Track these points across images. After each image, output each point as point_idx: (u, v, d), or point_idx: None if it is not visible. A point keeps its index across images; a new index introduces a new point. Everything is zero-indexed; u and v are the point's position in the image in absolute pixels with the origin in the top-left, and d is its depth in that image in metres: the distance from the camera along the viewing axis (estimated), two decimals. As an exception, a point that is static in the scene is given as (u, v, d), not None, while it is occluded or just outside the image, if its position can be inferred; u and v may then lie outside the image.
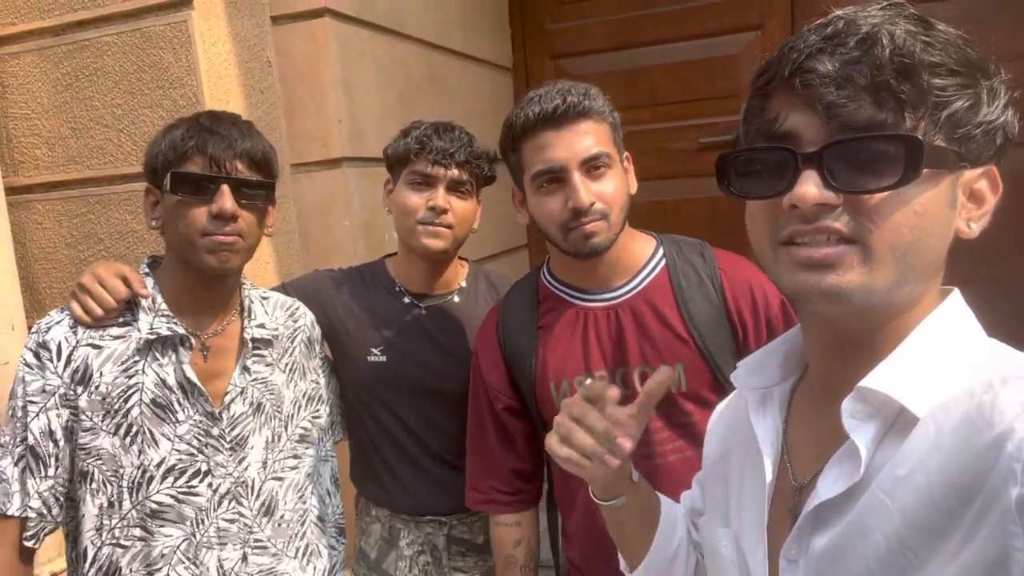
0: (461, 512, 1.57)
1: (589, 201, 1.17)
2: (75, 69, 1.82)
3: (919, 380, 0.61)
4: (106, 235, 1.86)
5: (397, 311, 1.56)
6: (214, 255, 1.15)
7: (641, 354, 1.25)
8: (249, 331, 1.28)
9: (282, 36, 1.94)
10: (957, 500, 0.55)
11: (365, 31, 2.06)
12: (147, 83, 1.76)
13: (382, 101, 2.11)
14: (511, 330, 1.35)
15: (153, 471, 1.16)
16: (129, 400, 1.15)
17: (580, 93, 1.19)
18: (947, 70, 0.58)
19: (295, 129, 1.98)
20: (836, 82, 0.58)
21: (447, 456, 1.55)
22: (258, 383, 1.28)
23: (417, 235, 1.47)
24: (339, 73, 1.94)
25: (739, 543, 0.79)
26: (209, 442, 1.20)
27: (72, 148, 1.86)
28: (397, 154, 1.50)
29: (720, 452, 0.88)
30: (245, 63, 1.85)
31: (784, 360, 0.78)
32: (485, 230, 1.96)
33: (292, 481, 1.32)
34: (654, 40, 2.87)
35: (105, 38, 1.77)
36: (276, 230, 1.92)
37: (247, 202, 1.17)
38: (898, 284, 0.60)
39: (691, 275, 1.27)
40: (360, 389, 1.54)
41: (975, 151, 0.60)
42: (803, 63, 0.60)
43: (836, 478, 0.64)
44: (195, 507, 1.18)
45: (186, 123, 1.18)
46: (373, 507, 1.63)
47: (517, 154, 1.25)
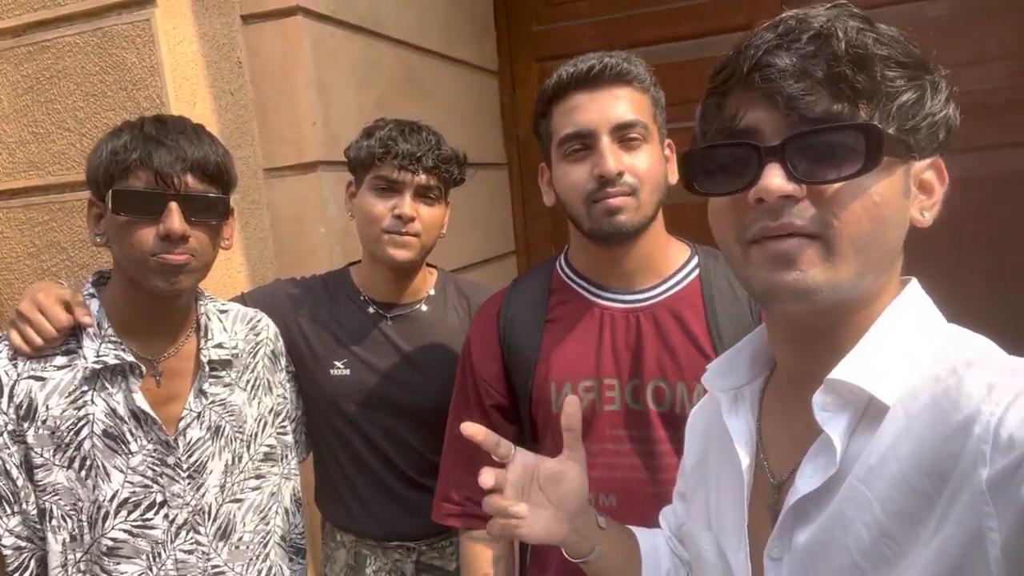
0: (431, 537, 1.49)
1: (617, 168, 1.07)
2: (36, 71, 1.75)
3: (886, 369, 0.62)
4: (69, 244, 1.78)
5: (361, 322, 1.48)
6: (163, 277, 1.06)
7: (659, 367, 1.14)
8: (206, 353, 1.19)
9: (253, 35, 1.87)
10: (931, 484, 0.56)
11: (340, 31, 1.99)
12: (110, 85, 1.69)
13: (359, 103, 2.04)
14: (515, 318, 1.24)
15: (107, 506, 1.09)
16: (80, 432, 1.08)
17: (621, 57, 1.10)
18: (896, 63, 0.60)
19: (267, 132, 1.91)
20: (794, 75, 0.60)
21: (415, 475, 1.47)
22: (215, 405, 1.19)
23: (382, 244, 1.39)
24: (313, 74, 1.87)
25: (721, 546, 0.79)
26: (164, 471, 1.13)
27: (34, 153, 1.79)
28: (360, 157, 1.41)
29: (698, 457, 0.88)
30: (214, 63, 1.78)
31: (752, 359, 0.79)
32: (473, 236, 1.91)
33: (253, 503, 1.24)
34: (642, 42, 2.81)
35: (66, 38, 1.70)
36: (249, 237, 1.87)
37: (199, 219, 1.08)
38: (860, 276, 0.62)
39: (725, 291, 1.16)
40: (324, 405, 1.45)
41: (922, 143, 0.63)
42: (761, 59, 0.61)
43: (813, 472, 0.64)
44: (151, 540, 1.12)
45: (129, 130, 1.09)
46: (338, 532, 1.54)
47: (546, 120, 1.15)
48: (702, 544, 0.82)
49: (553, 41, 2.98)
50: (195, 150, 1.07)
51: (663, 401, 1.13)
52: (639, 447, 1.14)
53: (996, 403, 0.54)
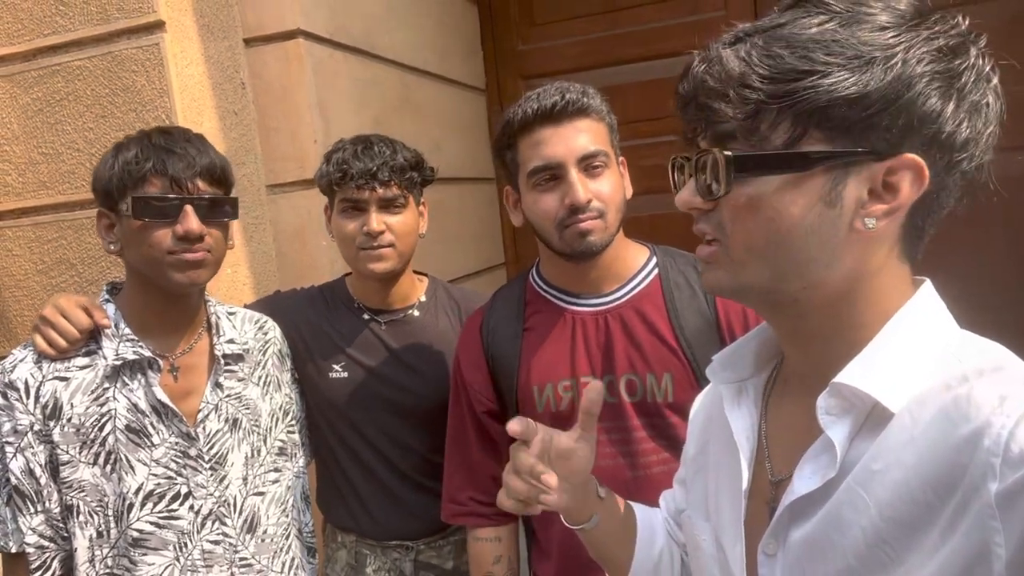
0: (429, 536, 1.55)
1: (587, 197, 1.17)
2: (46, 94, 1.81)
3: (893, 374, 0.61)
4: (78, 260, 1.83)
5: (356, 327, 1.55)
6: (183, 273, 1.14)
7: (629, 362, 1.24)
8: (219, 347, 1.26)
9: (255, 58, 1.94)
10: (935, 495, 0.55)
11: (339, 52, 2.07)
12: (119, 106, 1.75)
13: (358, 122, 2.12)
14: (495, 330, 1.34)
15: (132, 498, 1.14)
16: (104, 428, 1.14)
17: (579, 91, 1.19)
18: (764, 78, 0.59)
19: (270, 151, 1.98)
20: (683, 104, 0.67)
21: (414, 475, 1.53)
22: (231, 399, 1.26)
23: (361, 261, 1.47)
24: (314, 94, 1.95)
25: (718, 538, 0.78)
26: (187, 463, 1.18)
27: (43, 173, 1.84)
28: (323, 185, 1.51)
29: (699, 446, 0.89)
30: (219, 85, 1.85)
31: (758, 352, 0.79)
32: (463, 248, 1.96)
33: (274, 495, 1.30)
34: (623, 60, 2.92)
35: (76, 62, 1.76)
36: (253, 251, 1.93)
37: (211, 219, 1.16)
38: (776, 280, 0.64)
39: (683, 286, 1.26)
40: (324, 408, 1.52)
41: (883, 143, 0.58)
42: (677, 87, 0.68)
43: (812, 473, 0.64)
44: (177, 531, 1.16)
45: (137, 143, 1.15)
46: (339, 533, 1.60)
47: (513, 151, 1.24)
48: (699, 534, 0.83)
49: (537, 60, 3.09)
50: (203, 157, 1.16)
51: (635, 392, 1.24)
52: (617, 436, 1.25)
53: (1007, 415, 0.52)
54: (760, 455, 0.75)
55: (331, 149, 1.51)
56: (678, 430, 1.22)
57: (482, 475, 1.35)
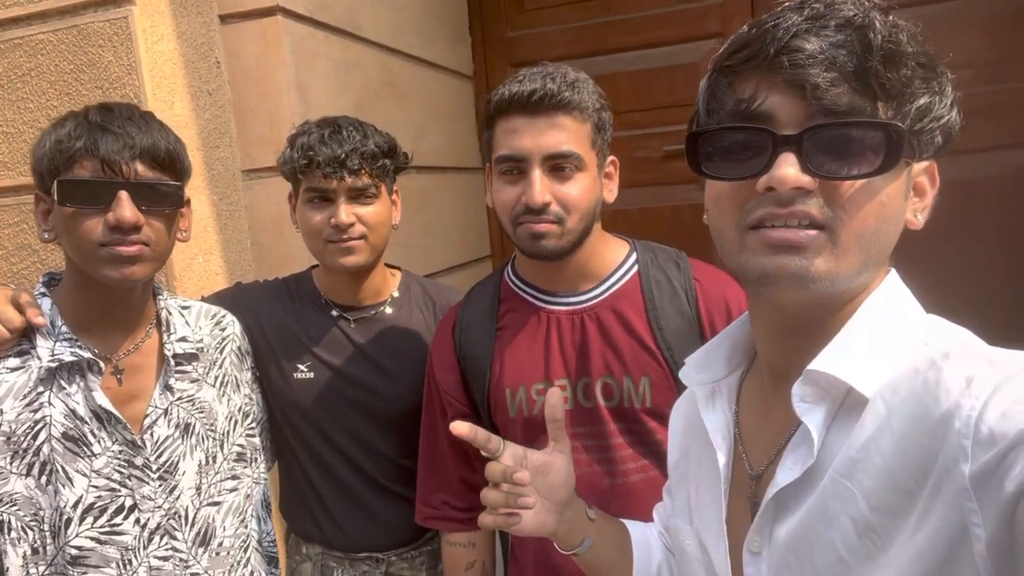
0: (400, 547, 1.46)
1: (543, 200, 1.09)
2: (7, 69, 1.71)
3: (865, 360, 0.62)
4: (41, 247, 1.74)
5: (323, 325, 1.44)
6: (115, 269, 1.02)
7: (605, 365, 1.17)
8: (169, 347, 1.15)
9: (231, 35, 1.85)
10: (913, 479, 0.56)
11: (320, 32, 1.98)
12: (85, 83, 1.65)
13: (337, 105, 2.03)
14: (468, 329, 1.27)
15: (70, 512, 1.03)
16: (38, 436, 1.03)
17: (565, 82, 1.10)
18: (918, 63, 0.60)
19: (246, 133, 1.89)
20: (823, 63, 0.58)
21: (384, 482, 1.44)
22: (183, 402, 1.15)
23: (329, 255, 1.36)
24: (292, 75, 1.86)
25: (701, 540, 0.78)
26: (132, 473, 1.08)
27: (4, 153, 1.74)
28: (286, 171, 1.37)
29: (681, 452, 0.88)
30: (191, 63, 1.75)
31: (730, 353, 0.79)
32: (448, 240, 1.89)
33: (231, 505, 1.20)
34: (615, 48, 2.85)
35: (39, 36, 1.67)
36: (227, 240, 1.84)
37: (151, 208, 1.03)
38: (859, 272, 0.62)
39: (664, 284, 1.19)
40: (288, 410, 1.41)
41: (924, 146, 0.63)
42: (790, 42, 0.59)
43: (793, 464, 0.64)
44: (120, 547, 1.07)
45: (73, 119, 1.03)
46: (304, 544, 1.50)
47: (490, 132, 1.17)
48: (684, 538, 0.83)
49: (527, 46, 3.01)
50: (144, 136, 1.02)
51: (611, 396, 1.17)
52: (593, 442, 1.18)
53: (975, 397, 0.53)
54: (738, 452, 0.75)
55: (295, 132, 1.39)
56: (656, 436, 1.15)
57: (455, 479, 1.29)
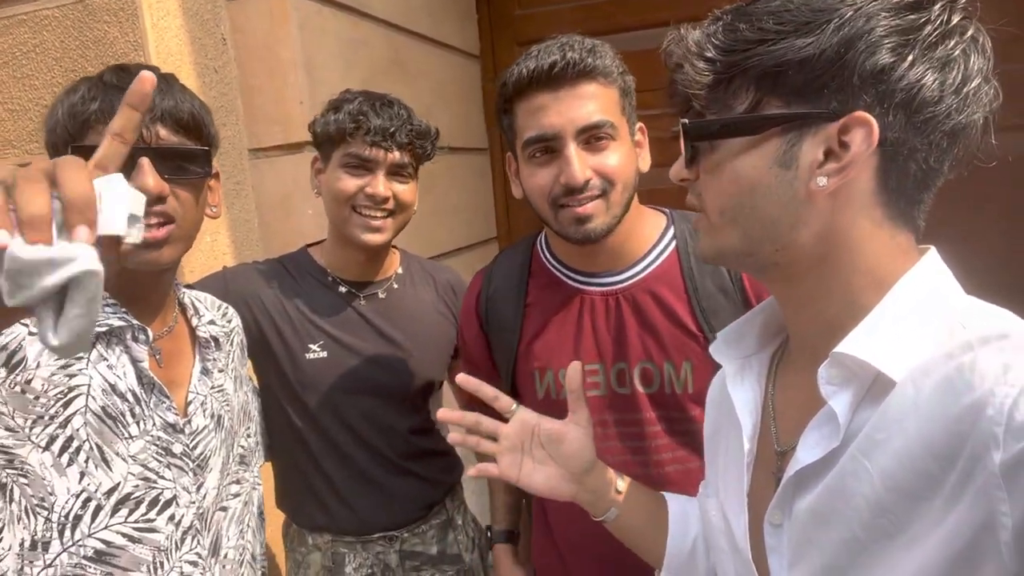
0: (413, 523, 1.46)
1: (584, 176, 1.03)
2: (12, 45, 1.68)
3: (895, 343, 0.61)
4: (47, 224, 1.73)
5: (334, 303, 1.42)
6: (140, 251, 0.90)
7: (643, 349, 1.12)
8: (203, 329, 1.07)
9: (238, 11, 1.82)
10: (937, 464, 0.55)
11: (327, 8, 1.95)
12: (90, 60, 1.63)
13: (345, 84, 1.99)
14: (495, 298, 1.23)
15: (101, 500, 0.89)
16: (69, 406, 0.89)
17: (584, 49, 1.04)
18: (720, 50, 0.64)
19: (253, 112, 1.87)
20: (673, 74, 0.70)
21: (397, 458, 1.43)
22: (215, 391, 1.07)
23: (354, 226, 1.34)
24: (300, 52, 1.83)
25: (724, 510, 0.80)
26: (171, 462, 0.95)
27: (9, 131, 1.72)
28: (328, 133, 1.34)
29: (713, 427, 0.90)
30: (198, 39, 1.73)
31: (763, 329, 0.80)
32: (453, 222, 1.87)
33: (234, 512, 1.09)
34: (624, 27, 2.81)
35: (44, 11, 1.64)
36: (234, 220, 1.83)
37: (176, 176, 0.92)
38: (747, 242, 0.66)
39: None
40: (299, 393, 1.38)
41: (835, 103, 0.60)
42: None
43: (815, 443, 0.64)
44: (153, 547, 0.92)
45: (87, 82, 0.93)
46: (309, 534, 1.46)
47: (510, 116, 1.11)
48: (709, 508, 0.85)
49: (535, 25, 2.97)
50: (165, 98, 0.91)
51: (651, 382, 1.13)
52: (627, 430, 1.14)
53: (1011, 384, 0.52)
54: (766, 427, 0.75)
55: (338, 98, 1.37)
56: (697, 424, 1.10)
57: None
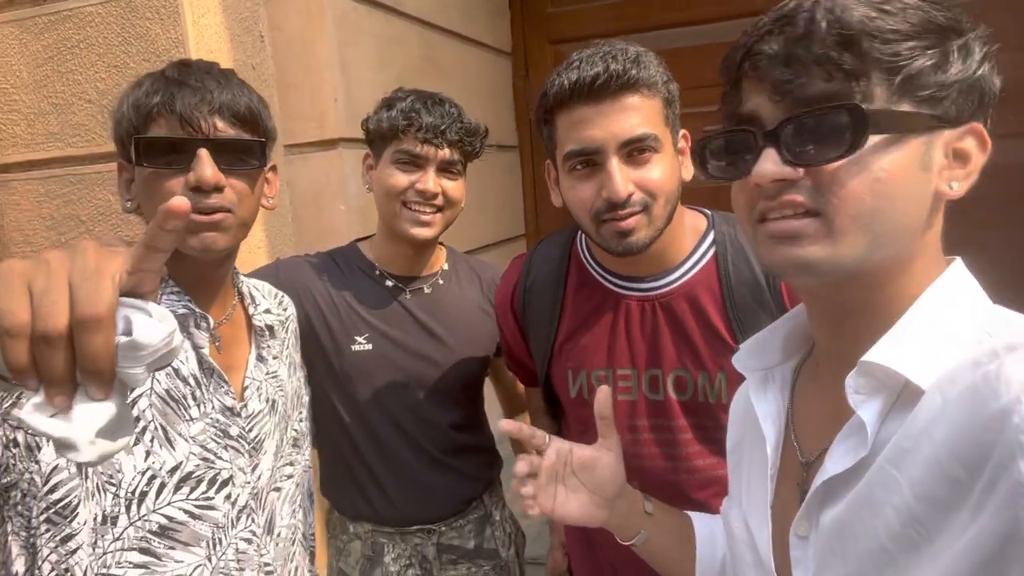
0: (451, 517, 1.48)
1: (626, 192, 1.01)
2: (56, 41, 1.72)
3: (923, 352, 0.60)
4: (88, 217, 1.77)
5: (380, 296, 1.45)
6: (197, 238, 0.94)
7: (677, 358, 1.11)
8: (259, 318, 1.11)
9: (275, 9, 1.85)
10: (965, 472, 0.54)
11: (362, 6, 1.97)
12: (133, 56, 1.67)
13: (379, 81, 2.03)
14: (532, 290, 1.24)
15: (165, 477, 0.94)
16: (135, 389, 0.93)
17: (628, 59, 1.01)
18: (900, 35, 0.59)
19: (289, 108, 1.90)
20: (782, 60, 0.61)
21: (436, 452, 1.45)
22: (270, 377, 1.12)
23: (403, 220, 1.37)
24: (335, 50, 1.85)
25: (747, 522, 0.79)
26: (229, 444, 1.00)
27: (53, 125, 1.77)
28: (381, 130, 1.37)
29: (736, 439, 0.89)
30: (236, 36, 1.76)
31: (786, 341, 0.79)
32: (481, 218, 1.88)
33: (287, 492, 1.14)
34: (656, 25, 2.80)
35: (88, 8, 1.68)
36: (269, 214, 1.85)
37: (233, 167, 0.95)
38: (869, 251, 0.61)
39: (743, 268, 1.10)
40: (344, 383, 1.42)
41: (952, 110, 0.61)
42: (752, 46, 0.63)
43: (843, 453, 0.64)
44: (212, 524, 0.97)
45: (150, 77, 0.96)
46: (350, 523, 1.50)
47: (550, 127, 1.09)
48: (732, 521, 0.84)
49: (567, 23, 2.97)
50: (223, 91, 0.95)
51: (684, 390, 1.12)
52: (659, 436, 1.14)
53: None
54: (788, 439, 0.75)
55: (390, 96, 1.40)
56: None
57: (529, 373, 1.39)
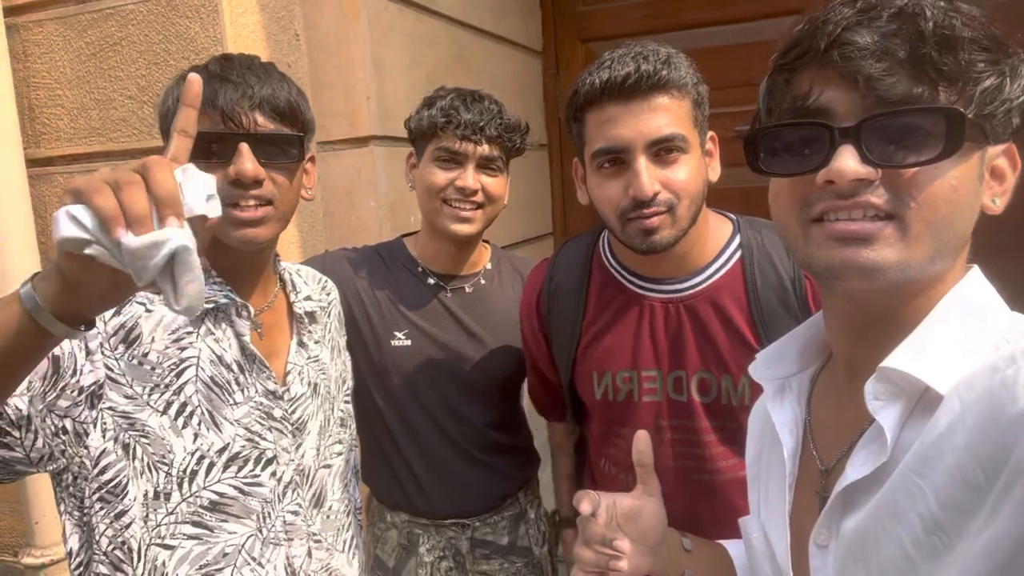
0: (485, 512, 1.49)
1: (653, 191, 1.02)
2: (99, 38, 1.77)
3: (942, 358, 0.60)
4: (128, 210, 1.81)
5: (421, 293, 1.47)
6: (239, 229, 0.97)
7: (702, 360, 1.12)
8: (299, 305, 1.14)
9: (310, 8, 1.88)
10: (984, 477, 0.54)
11: (395, 5, 1.99)
12: (173, 54, 1.71)
13: (411, 79, 2.05)
14: (556, 294, 1.26)
15: (214, 457, 0.99)
16: (182, 375, 0.98)
17: (659, 60, 1.02)
18: (980, 46, 0.58)
19: (321, 106, 1.92)
20: (875, 54, 0.58)
21: (472, 449, 1.47)
22: (312, 361, 1.16)
23: (444, 217, 1.38)
24: (368, 48, 1.88)
25: (767, 533, 0.78)
26: (272, 425, 1.05)
27: (95, 120, 1.82)
28: (421, 128, 1.39)
29: (756, 452, 0.88)
30: (273, 35, 1.79)
31: (803, 350, 0.78)
32: (509, 216, 1.88)
33: (338, 468, 1.19)
34: (689, 24, 2.79)
35: (130, 6, 1.72)
36: (301, 209, 1.88)
37: (273, 161, 0.98)
38: (932, 260, 0.61)
39: (769, 273, 1.11)
40: (382, 377, 1.45)
41: (997, 129, 0.61)
42: (840, 36, 0.59)
43: (864, 460, 0.63)
44: (261, 499, 1.03)
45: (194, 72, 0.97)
46: (388, 512, 1.53)
47: (580, 125, 1.11)
48: (751, 532, 0.83)
49: (598, 22, 2.96)
50: (263, 86, 0.97)
51: (708, 392, 1.13)
52: (683, 436, 1.15)
53: None
54: (806, 447, 0.74)
55: (432, 95, 1.42)
56: None
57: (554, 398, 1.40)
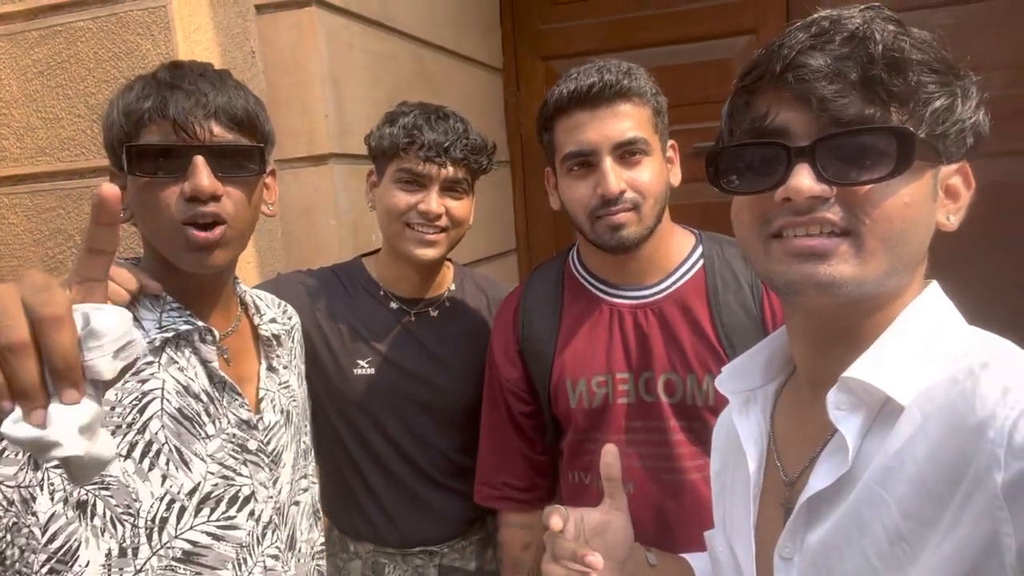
0: (452, 539, 1.46)
1: (619, 188, 1.11)
2: (47, 56, 1.72)
3: (902, 369, 0.62)
4: (77, 231, 1.76)
5: (384, 319, 1.42)
6: (195, 255, 0.89)
7: (668, 361, 1.18)
8: (265, 327, 1.07)
9: (267, 25, 1.85)
10: (946, 487, 0.56)
11: (354, 24, 1.98)
12: (123, 71, 1.67)
13: (371, 97, 2.04)
14: (532, 311, 1.28)
15: (184, 501, 0.88)
16: (145, 411, 0.88)
17: (621, 71, 1.13)
18: (930, 68, 0.61)
19: (279, 124, 1.87)
20: (828, 77, 0.60)
21: (438, 476, 1.43)
22: (282, 387, 1.08)
23: (406, 241, 1.32)
24: (327, 66, 1.86)
25: (731, 545, 0.79)
26: (247, 458, 0.95)
27: (42, 139, 1.76)
28: (382, 146, 1.33)
29: (720, 464, 0.89)
30: (228, 52, 1.76)
31: (767, 363, 0.80)
32: (472, 233, 1.86)
33: (304, 506, 1.10)
34: (647, 43, 2.83)
35: (79, 23, 1.68)
36: (258, 229, 1.83)
37: (230, 174, 0.89)
38: (887, 275, 0.62)
39: (729, 279, 1.19)
40: (345, 406, 1.39)
41: (950, 148, 0.64)
42: (794, 59, 0.62)
43: (827, 471, 0.64)
44: (235, 544, 0.92)
45: (142, 80, 0.90)
46: (351, 542, 1.48)
47: (550, 133, 1.19)
48: (716, 545, 0.84)
49: (558, 40, 2.99)
50: (219, 94, 0.89)
51: (674, 392, 1.18)
52: (653, 436, 1.20)
53: (1011, 407, 0.53)
54: (771, 460, 0.75)
55: (394, 111, 1.36)
56: None
57: (518, 457, 1.32)
